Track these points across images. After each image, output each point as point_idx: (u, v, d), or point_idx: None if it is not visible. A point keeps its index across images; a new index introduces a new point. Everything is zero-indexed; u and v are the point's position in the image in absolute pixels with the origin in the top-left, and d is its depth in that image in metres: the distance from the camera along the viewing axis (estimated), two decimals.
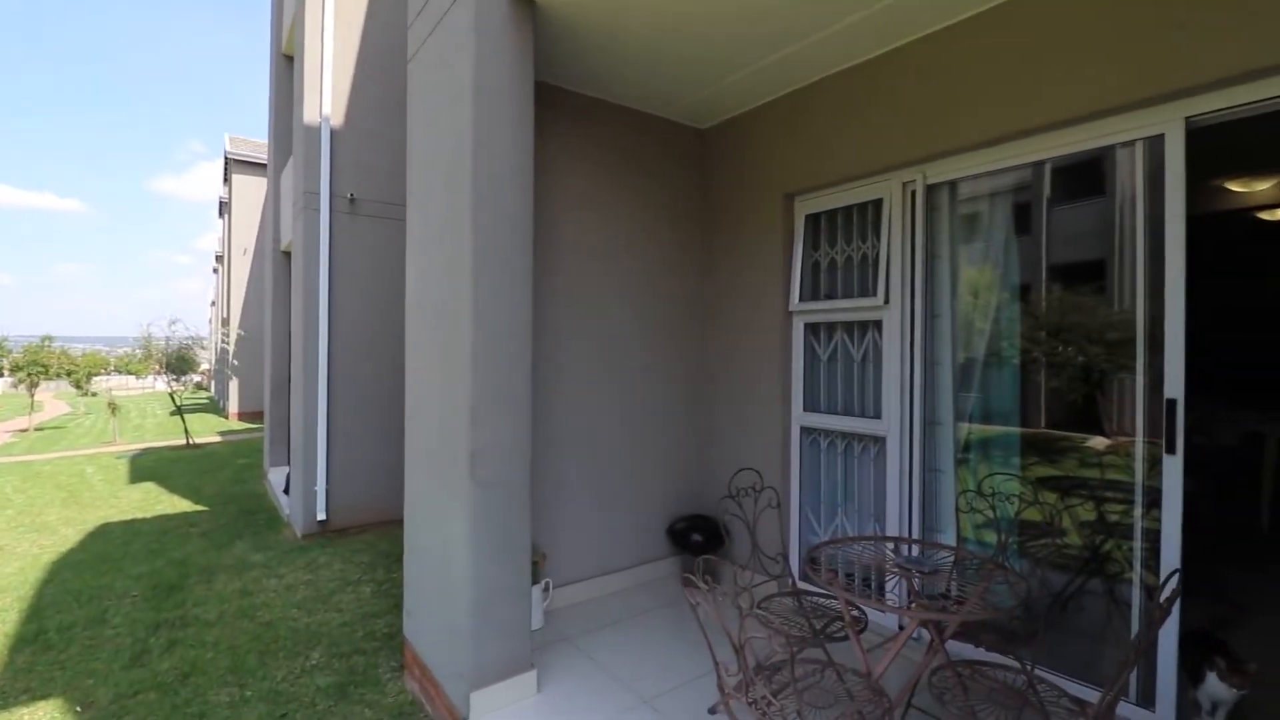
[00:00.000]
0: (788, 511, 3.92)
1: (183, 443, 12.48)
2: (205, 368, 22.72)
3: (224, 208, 19.84)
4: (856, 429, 3.64)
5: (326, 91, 5.96)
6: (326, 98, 5.95)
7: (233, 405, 17.00)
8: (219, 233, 23.73)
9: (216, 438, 13.63)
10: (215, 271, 27.67)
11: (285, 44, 7.69)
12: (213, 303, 29.99)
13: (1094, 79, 2.52)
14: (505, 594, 2.75)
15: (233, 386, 16.96)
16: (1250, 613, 3.50)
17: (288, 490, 6.62)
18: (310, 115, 5.97)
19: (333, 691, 3.17)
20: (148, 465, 10.24)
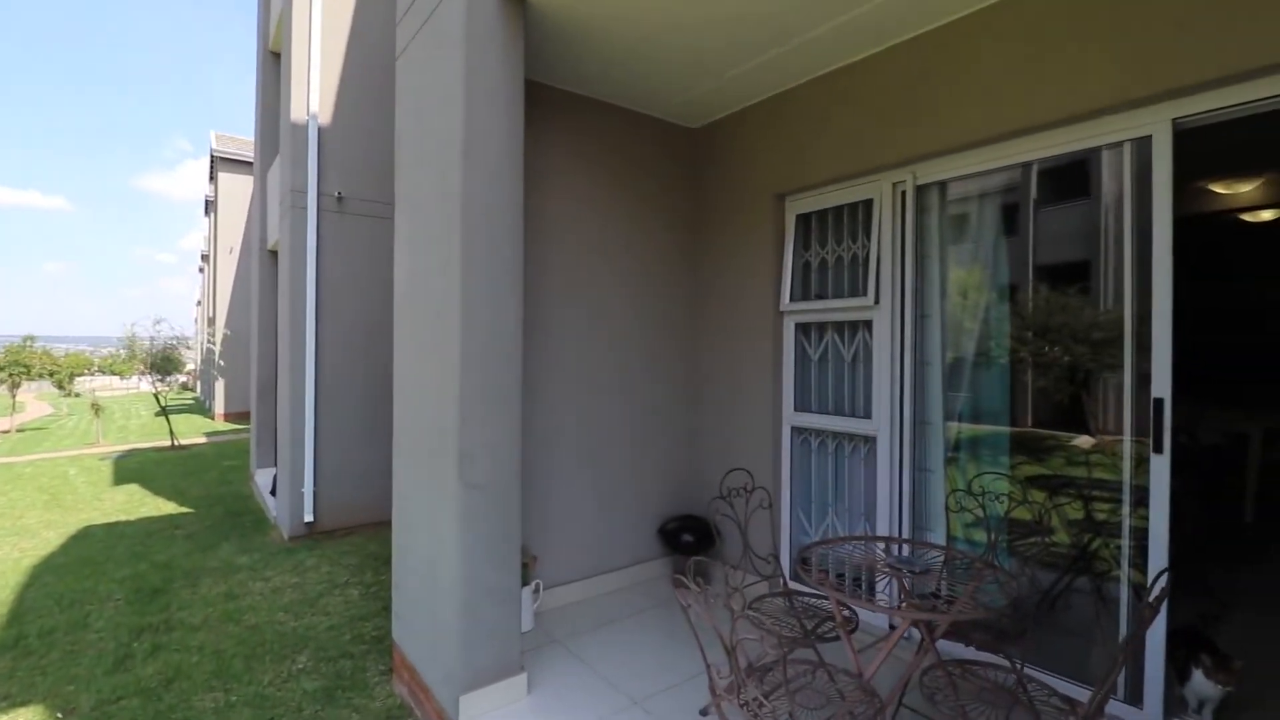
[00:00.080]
0: (779, 512, 3.93)
1: (168, 444, 12.31)
2: (191, 368, 22.44)
3: (210, 206, 19.59)
4: (847, 429, 3.65)
5: (314, 89, 5.89)
6: (314, 95, 5.89)
7: (219, 406, 16.81)
8: (205, 231, 23.45)
9: (202, 439, 13.47)
10: (201, 271, 27.36)
11: (272, 41, 7.61)
12: (198, 302, 29.66)
13: (1082, 80, 2.53)
14: (495, 596, 2.73)
15: (219, 387, 16.79)
16: (1235, 610, 3.54)
17: (274, 492, 6.54)
18: (297, 113, 5.90)
19: (320, 696, 3.13)
20: (132, 467, 10.09)
